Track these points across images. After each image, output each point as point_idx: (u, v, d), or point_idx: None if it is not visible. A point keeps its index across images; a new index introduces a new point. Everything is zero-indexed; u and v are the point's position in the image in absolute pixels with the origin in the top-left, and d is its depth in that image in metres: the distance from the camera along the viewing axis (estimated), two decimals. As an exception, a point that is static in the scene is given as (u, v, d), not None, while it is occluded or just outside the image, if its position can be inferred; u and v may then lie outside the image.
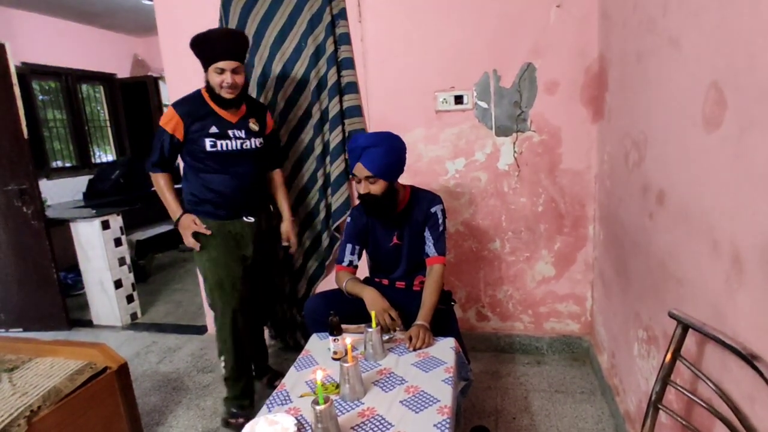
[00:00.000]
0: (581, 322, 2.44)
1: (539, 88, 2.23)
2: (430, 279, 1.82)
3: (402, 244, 1.92)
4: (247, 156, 2.05)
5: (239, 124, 2.03)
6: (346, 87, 2.40)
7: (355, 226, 1.95)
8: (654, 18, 1.41)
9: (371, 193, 1.75)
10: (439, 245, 1.85)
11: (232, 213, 2.07)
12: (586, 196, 2.29)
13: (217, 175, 2.02)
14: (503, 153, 2.33)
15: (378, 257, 1.99)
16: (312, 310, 1.84)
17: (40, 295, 3.30)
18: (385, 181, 1.75)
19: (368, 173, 1.72)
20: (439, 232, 1.86)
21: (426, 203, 1.88)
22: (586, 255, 2.35)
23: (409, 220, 1.88)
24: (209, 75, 1.92)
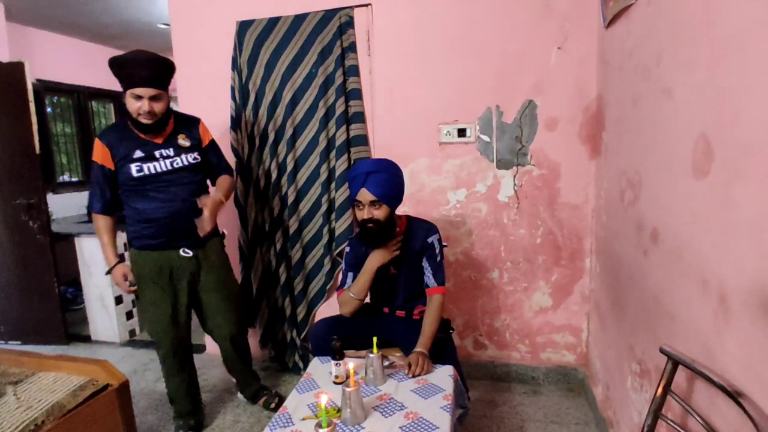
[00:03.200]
0: (577, 353, 2.47)
1: (540, 125, 2.32)
2: (430, 308, 1.85)
3: (399, 273, 1.94)
4: (181, 174, 1.96)
5: (166, 143, 1.96)
6: (353, 116, 2.50)
7: (354, 255, 1.96)
8: (648, 67, 1.50)
9: (375, 218, 1.75)
10: (438, 276, 1.88)
11: (169, 242, 1.98)
12: (583, 230, 2.35)
13: (149, 202, 1.93)
14: (504, 185, 2.40)
15: (376, 287, 1.98)
16: (317, 336, 1.87)
17: (41, 308, 3.32)
18: (388, 208, 1.78)
19: (373, 198, 1.73)
20: (437, 262, 1.88)
21: (422, 233, 1.89)
22: (582, 287, 2.40)
23: (405, 250, 1.89)
24: (126, 99, 1.85)
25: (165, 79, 1.89)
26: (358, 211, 1.78)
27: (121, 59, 1.82)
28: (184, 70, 2.76)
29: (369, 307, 2.08)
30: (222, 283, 2.17)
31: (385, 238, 1.82)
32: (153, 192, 1.93)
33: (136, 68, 1.80)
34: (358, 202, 1.77)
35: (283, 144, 2.60)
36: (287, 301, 2.70)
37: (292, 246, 2.66)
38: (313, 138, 2.58)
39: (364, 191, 1.74)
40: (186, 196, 1.97)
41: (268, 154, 2.62)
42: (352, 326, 1.89)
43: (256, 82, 2.60)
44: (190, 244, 2.02)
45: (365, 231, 1.79)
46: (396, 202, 1.83)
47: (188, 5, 2.67)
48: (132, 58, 1.82)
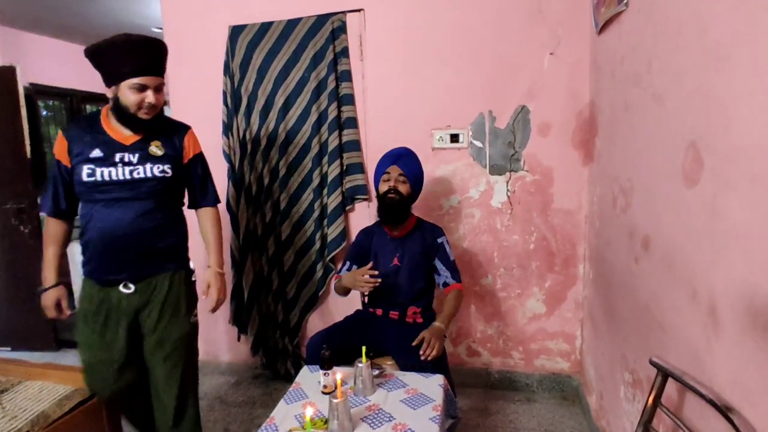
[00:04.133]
0: (571, 361, 2.45)
1: (533, 130, 2.31)
2: (452, 295, 1.93)
3: (401, 266, 1.99)
4: (139, 188, 1.56)
5: (133, 147, 1.57)
6: (345, 122, 2.48)
7: (359, 247, 2.08)
8: (639, 73, 1.49)
9: (399, 189, 1.91)
10: (455, 274, 1.99)
11: (110, 273, 1.57)
12: (576, 236, 2.34)
13: (96, 218, 1.54)
14: (497, 191, 2.39)
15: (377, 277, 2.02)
16: (313, 346, 1.85)
17: (30, 314, 3.27)
18: (410, 189, 1.94)
19: (401, 172, 1.92)
20: (451, 262, 1.99)
21: (430, 234, 2.01)
22: (576, 293, 2.39)
23: (412, 244, 1.99)
24: (123, 92, 1.50)
25: (165, 65, 1.61)
26: (383, 183, 1.93)
27: (112, 45, 1.47)
28: (177, 75, 2.74)
29: (362, 314, 2.08)
30: (168, 338, 1.67)
31: (401, 215, 1.95)
32: (101, 205, 1.55)
33: (136, 54, 1.49)
34: (387, 174, 1.93)
35: (276, 149, 2.59)
36: (279, 308, 2.67)
37: (284, 252, 2.64)
38: (305, 143, 2.56)
39: (394, 167, 1.93)
40: (139, 217, 1.56)
41: (260, 160, 2.61)
42: (346, 337, 1.88)
43: (249, 87, 2.58)
44: (135, 277, 1.60)
45: (385, 203, 1.92)
46: (417, 188, 1.99)
47: (181, 10, 2.66)
48: (127, 41, 1.49)
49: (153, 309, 1.64)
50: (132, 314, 1.63)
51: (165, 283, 1.66)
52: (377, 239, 2.06)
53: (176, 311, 1.69)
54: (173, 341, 1.68)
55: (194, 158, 1.75)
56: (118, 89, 1.51)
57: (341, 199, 2.52)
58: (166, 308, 1.66)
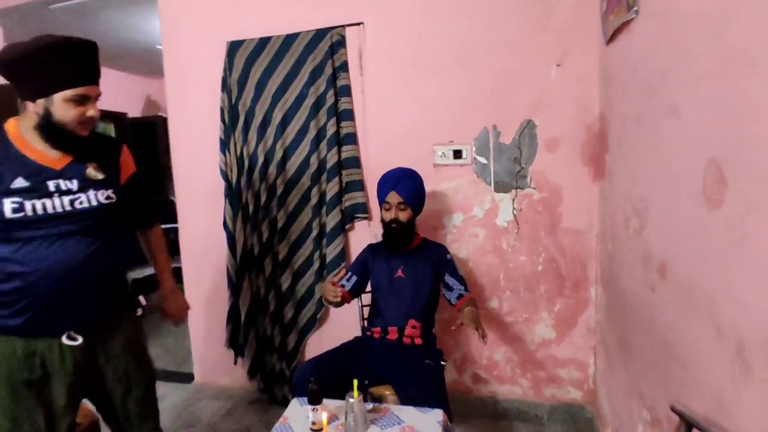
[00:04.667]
0: (584, 390, 2.29)
1: (539, 145, 2.20)
2: (469, 301, 1.88)
3: (405, 278, 1.97)
4: (85, 221, 1.32)
5: (68, 171, 1.31)
6: (345, 138, 2.40)
7: (362, 260, 2.07)
8: (653, 83, 1.38)
9: (399, 219, 1.92)
10: (467, 286, 1.97)
11: (42, 323, 1.29)
12: (587, 257, 2.20)
13: (28, 260, 1.25)
14: (502, 209, 2.27)
15: (379, 291, 2.01)
16: (301, 379, 1.74)
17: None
18: (412, 212, 1.94)
19: (400, 200, 1.91)
20: (460, 276, 1.98)
21: (437, 251, 2.01)
22: (587, 319, 2.24)
23: (416, 259, 1.98)
24: (58, 106, 1.24)
25: (99, 72, 1.36)
26: (385, 212, 1.95)
27: (40, 50, 1.22)
28: (175, 92, 2.70)
29: (358, 340, 1.97)
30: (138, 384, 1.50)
31: (405, 240, 1.97)
32: (36, 243, 1.26)
33: (75, 59, 1.26)
34: (387, 203, 1.94)
35: (273, 166, 2.51)
36: (276, 331, 2.56)
37: (281, 272, 2.54)
38: (303, 160, 2.48)
39: (393, 194, 1.92)
40: (91, 254, 1.32)
41: (258, 177, 2.53)
42: (339, 366, 1.77)
43: (246, 103, 2.52)
44: (80, 326, 1.33)
45: (389, 231, 1.95)
46: (419, 208, 1.99)
47: (179, 25, 2.62)
48: (62, 44, 1.24)
49: (108, 359, 1.42)
50: (72, 375, 1.33)
51: (124, 326, 1.45)
52: (383, 254, 2.05)
53: (141, 354, 1.53)
54: (143, 387, 1.52)
55: (131, 179, 1.51)
56: (50, 102, 1.23)
57: (340, 217, 2.43)
58: (128, 354, 1.46)
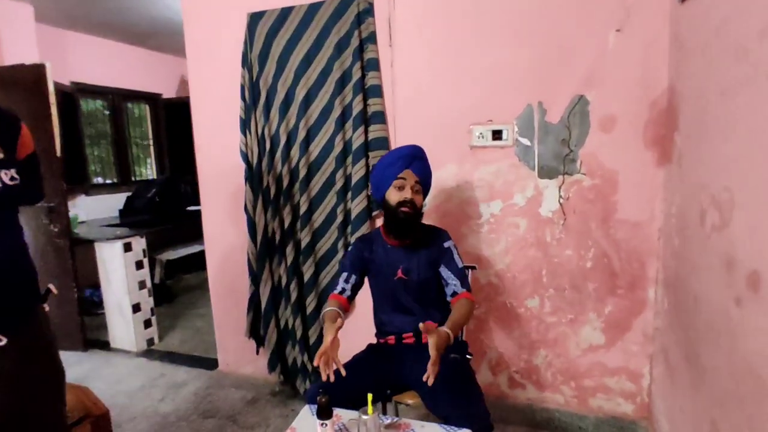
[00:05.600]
0: (636, 404, 2.03)
1: (592, 125, 1.91)
2: (461, 302, 1.62)
3: (408, 279, 1.71)
4: None
5: None
6: (372, 117, 2.19)
7: (355, 254, 1.78)
8: (745, 45, 1.09)
9: (413, 200, 1.64)
10: (465, 282, 1.67)
11: None
12: (646, 253, 1.92)
13: None
14: (547, 197, 2.01)
15: (380, 294, 1.79)
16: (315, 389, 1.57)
17: (59, 313, 3.24)
18: (423, 195, 1.71)
19: (417, 179, 1.66)
20: (460, 269, 1.69)
21: (436, 238, 1.73)
22: (644, 323, 1.97)
23: (417, 254, 1.71)
24: None
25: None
26: (397, 192, 1.64)
27: None
28: (195, 70, 2.57)
29: (374, 348, 1.79)
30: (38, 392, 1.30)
31: (413, 229, 1.67)
32: None
33: None
34: (400, 179, 1.64)
35: (296, 148, 2.34)
36: (298, 322, 2.43)
37: (304, 261, 2.39)
38: (328, 141, 2.29)
39: (409, 172, 1.65)
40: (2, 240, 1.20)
41: (280, 159, 2.37)
42: (356, 377, 1.59)
43: (268, 80, 2.35)
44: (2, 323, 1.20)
45: (396, 214, 1.63)
46: (426, 195, 1.76)
47: (200, -2, 2.47)
48: None
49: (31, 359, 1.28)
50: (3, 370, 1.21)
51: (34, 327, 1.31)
52: (378, 248, 1.76)
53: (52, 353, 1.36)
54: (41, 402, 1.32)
55: (28, 159, 1.31)
56: None
57: (366, 203, 2.23)
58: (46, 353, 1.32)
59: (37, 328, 1.31)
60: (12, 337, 1.21)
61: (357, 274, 1.76)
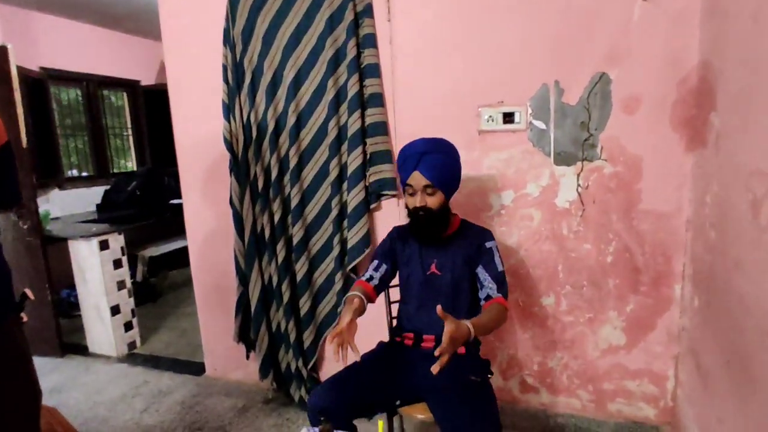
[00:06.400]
0: (659, 408, 1.89)
1: (614, 106, 1.73)
2: (493, 307, 1.45)
3: (441, 275, 1.57)
4: None
5: None
6: (369, 99, 1.99)
7: (389, 244, 1.67)
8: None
9: (427, 206, 1.49)
10: (502, 289, 1.49)
11: None
12: (673, 247, 1.76)
13: None
14: (563, 186, 1.84)
15: (409, 289, 1.63)
16: (317, 403, 1.39)
17: (33, 316, 3.00)
18: (443, 195, 1.51)
19: (427, 182, 1.47)
20: (499, 273, 1.52)
21: (477, 237, 1.58)
22: (669, 322, 1.81)
23: (453, 251, 1.56)
24: None
25: None
26: (409, 197, 1.54)
27: None
28: (174, 50, 2.34)
29: (386, 350, 1.61)
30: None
31: (437, 230, 1.55)
32: None
33: None
34: (409, 186, 1.52)
35: (285, 134, 2.13)
36: (291, 325, 2.24)
37: (296, 258, 2.19)
38: (321, 127, 2.09)
39: (417, 174, 1.49)
40: None
41: (268, 148, 2.16)
42: (363, 387, 1.42)
43: (253, 59, 2.13)
44: None
45: (415, 220, 1.53)
46: (452, 189, 1.56)
47: (175, -31, 2.23)
48: None
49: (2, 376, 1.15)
50: None
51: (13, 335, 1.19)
52: (412, 242, 1.63)
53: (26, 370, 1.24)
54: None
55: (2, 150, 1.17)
56: None
57: (364, 195, 2.04)
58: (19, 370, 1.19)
59: (10, 342, 1.15)
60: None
61: (388, 264, 1.63)
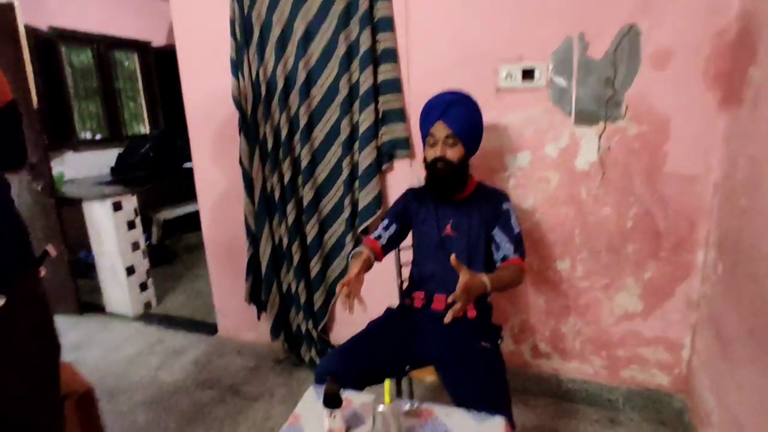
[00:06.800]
0: (673, 376, 1.85)
1: (643, 60, 1.62)
2: (510, 266, 1.43)
3: (456, 237, 1.54)
4: None
5: None
6: (382, 54, 1.90)
7: (402, 205, 1.65)
8: None
9: (447, 157, 1.45)
10: (520, 249, 1.46)
11: None
12: (697, 212, 1.68)
13: None
14: (584, 148, 1.75)
15: (423, 250, 1.61)
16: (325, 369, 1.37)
17: (52, 277, 3.06)
18: (464, 149, 1.47)
19: (449, 132, 1.44)
20: (516, 233, 1.48)
21: (493, 199, 1.54)
22: (689, 289, 1.75)
23: (469, 212, 1.54)
24: None
25: None
26: (429, 149, 1.50)
27: None
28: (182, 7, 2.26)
29: (394, 315, 1.59)
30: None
31: (454, 185, 1.51)
32: None
33: None
34: (431, 136, 1.49)
35: (296, 92, 2.06)
36: (301, 286, 2.23)
37: (307, 220, 2.17)
38: (332, 84, 2.01)
39: (440, 124, 1.46)
40: None
41: (277, 106, 2.10)
42: (372, 355, 1.41)
43: (261, 13, 2.04)
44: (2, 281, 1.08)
45: (434, 172, 1.49)
46: (473, 146, 1.52)
47: None
48: None
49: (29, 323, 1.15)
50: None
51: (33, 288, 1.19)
52: (428, 200, 1.60)
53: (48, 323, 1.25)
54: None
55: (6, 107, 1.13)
56: None
57: (376, 155, 1.98)
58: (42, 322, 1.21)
59: (32, 295, 1.17)
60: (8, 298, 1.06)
61: (398, 224, 1.60)
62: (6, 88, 1.14)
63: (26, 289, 1.16)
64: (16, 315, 1.10)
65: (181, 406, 2.10)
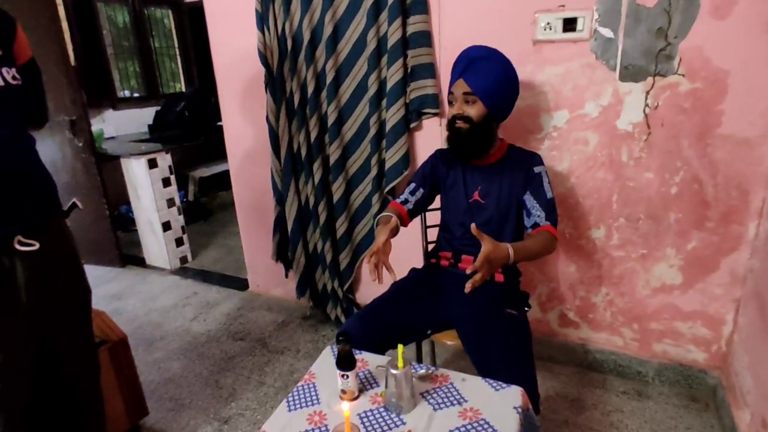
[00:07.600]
0: (710, 352, 1.76)
1: (702, 7, 1.45)
2: (540, 234, 1.35)
3: (485, 203, 1.47)
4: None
5: None
6: (411, 5, 1.79)
7: (431, 167, 1.58)
8: None
9: (465, 114, 1.38)
10: (551, 216, 1.38)
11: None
12: (751, 179, 1.53)
13: None
14: (628, 106, 1.62)
15: (451, 216, 1.55)
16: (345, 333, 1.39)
17: (94, 229, 3.22)
18: (485, 107, 1.37)
19: (467, 89, 1.37)
20: (548, 198, 1.40)
21: (525, 161, 1.45)
22: (735, 263, 1.63)
23: (500, 177, 1.45)
24: None
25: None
26: (450, 107, 1.44)
27: None
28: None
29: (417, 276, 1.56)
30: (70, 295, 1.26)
31: (478, 147, 1.43)
32: None
33: None
34: (451, 94, 1.43)
35: (322, 47, 1.99)
36: (327, 246, 2.24)
37: (334, 179, 2.14)
38: (359, 38, 1.93)
39: (460, 82, 1.39)
40: (10, 138, 1.06)
41: (304, 61, 2.04)
42: (395, 318, 1.39)
43: (287, -39, 1.96)
44: (30, 227, 1.11)
45: (452, 131, 1.43)
46: (497, 105, 1.40)
47: None
48: None
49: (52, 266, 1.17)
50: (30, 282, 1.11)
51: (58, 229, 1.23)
52: (457, 164, 1.53)
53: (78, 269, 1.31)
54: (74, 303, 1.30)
55: (27, 64, 1.18)
56: None
57: (404, 113, 1.91)
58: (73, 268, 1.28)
59: (62, 238, 1.24)
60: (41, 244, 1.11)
61: (426, 188, 1.55)
62: (26, 45, 1.19)
63: (56, 237, 1.21)
64: (49, 259, 1.15)
65: (212, 355, 2.20)
